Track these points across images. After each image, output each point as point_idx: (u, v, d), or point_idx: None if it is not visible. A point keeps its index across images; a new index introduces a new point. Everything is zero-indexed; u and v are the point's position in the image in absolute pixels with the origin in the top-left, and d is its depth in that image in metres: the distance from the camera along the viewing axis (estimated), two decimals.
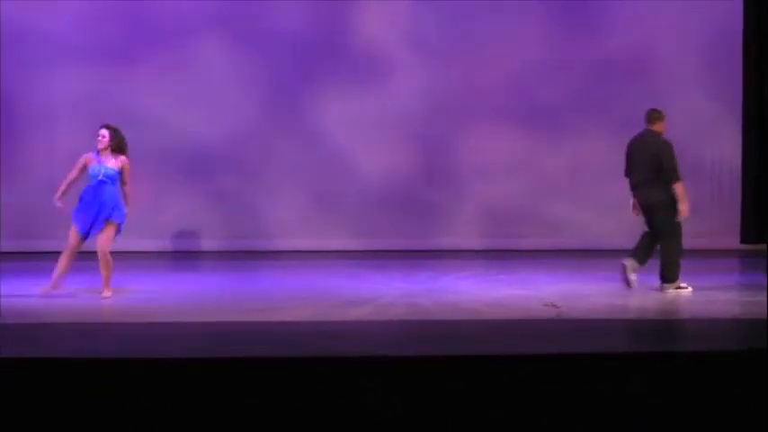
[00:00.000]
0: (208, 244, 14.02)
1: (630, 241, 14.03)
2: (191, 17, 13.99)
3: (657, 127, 10.65)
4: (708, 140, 14.38)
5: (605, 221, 14.13)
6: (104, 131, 10.21)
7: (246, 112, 14.07)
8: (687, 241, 13.85)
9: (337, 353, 7.00)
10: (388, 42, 14.21)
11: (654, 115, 10.65)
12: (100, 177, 10.10)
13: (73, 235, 10.12)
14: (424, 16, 14.22)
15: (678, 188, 10.39)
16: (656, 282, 10.64)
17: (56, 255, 10.25)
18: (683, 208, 10.41)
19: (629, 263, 10.41)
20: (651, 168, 10.47)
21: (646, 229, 10.69)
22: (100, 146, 10.17)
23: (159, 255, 13.51)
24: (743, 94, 14.37)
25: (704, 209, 14.32)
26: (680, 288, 10.39)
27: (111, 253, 10.17)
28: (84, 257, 10.48)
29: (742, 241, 14.38)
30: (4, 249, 13.48)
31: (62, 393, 6.19)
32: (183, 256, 13.56)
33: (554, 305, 9.55)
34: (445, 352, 7.04)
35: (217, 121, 14.01)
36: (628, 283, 10.34)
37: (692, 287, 10.46)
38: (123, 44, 13.93)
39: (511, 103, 14.36)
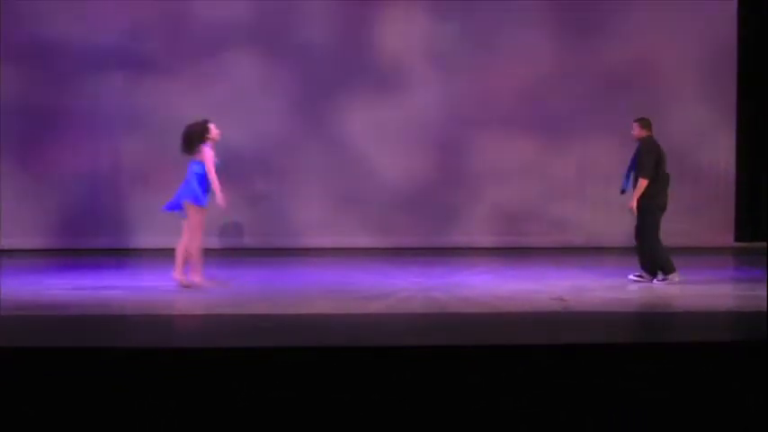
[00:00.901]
0: (240, 242, 14.07)
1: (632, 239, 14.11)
2: (225, 31, 14.04)
3: None
4: (704, 144, 14.38)
5: (609, 220, 14.12)
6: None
7: (276, 119, 14.12)
8: (685, 239, 13.97)
9: (360, 343, 7.03)
10: (409, 55, 14.24)
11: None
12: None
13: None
14: (443, 31, 14.24)
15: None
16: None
17: (95, 252, 10.29)
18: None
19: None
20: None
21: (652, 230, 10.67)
22: (217, 139, 10.30)
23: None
24: (737, 101, 14.37)
25: (701, 208, 14.35)
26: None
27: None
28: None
29: (736, 239, 14.38)
30: (47, 247, 13.60)
31: (97, 383, 6.22)
32: (217, 254, 13.60)
33: (561, 299, 9.58)
34: (459, 342, 7.07)
35: (249, 127, 14.04)
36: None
37: (689, 282, 10.53)
38: (161, 55, 14.00)
39: (522, 111, 14.36)
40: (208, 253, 13.57)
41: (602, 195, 14.18)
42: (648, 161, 10.49)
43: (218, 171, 10.24)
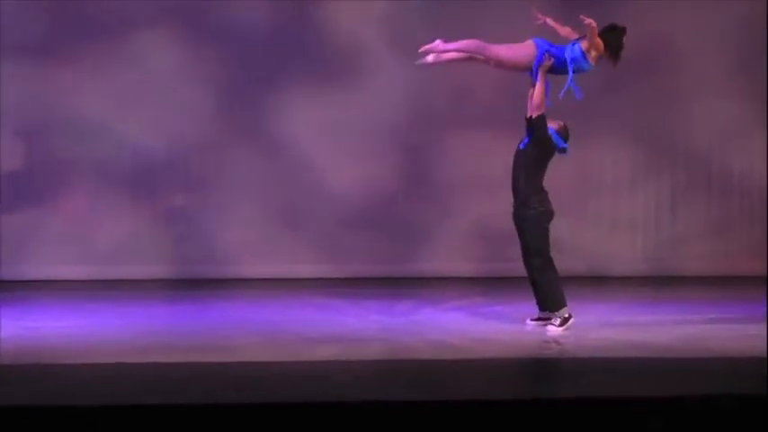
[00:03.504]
0: (151, 271, 13.99)
1: (647, 266, 14.18)
2: (133, 6, 13.98)
3: None
4: (734, 149, 14.44)
5: (617, 243, 14.19)
6: None
7: (199, 117, 14.05)
8: (710, 265, 14.02)
9: (304, 398, 7.01)
10: (367, 37, 14.23)
11: None
12: None
13: None
14: (408, 7, 14.25)
15: None
16: (675, 316, 10.73)
17: None
18: None
19: None
20: None
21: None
22: None
23: (94, 284, 13.47)
24: None
25: (731, 228, 14.42)
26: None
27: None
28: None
29: None
30: None
31: None
32: (122, 286, 13.53)
33: (556, 342, 9.60)
34: (428, 397, 7.06)
35: (164, 127, 13.98)
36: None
37: (715, 320, 10.60)
38: (53, 37, 13.91)
39: (507, 107, 14.32)
40: (106, 285, 13.54)
41: (608, 211, 14.24)
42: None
43: None
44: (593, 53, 10.53)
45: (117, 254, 13.97)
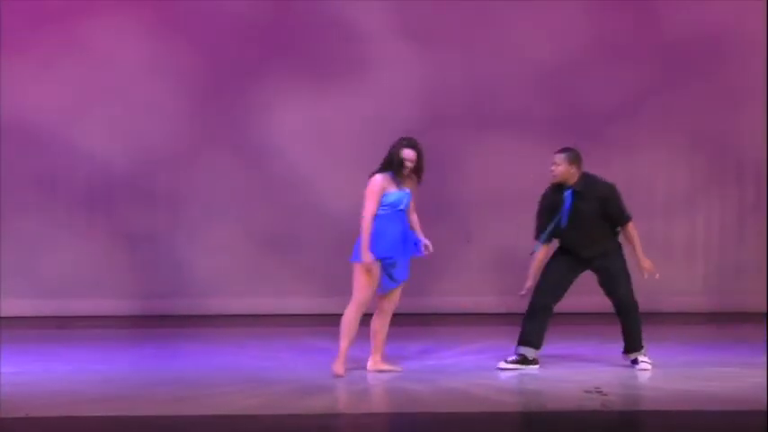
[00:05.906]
0: (111, 306, 14.02)
1: (707, 300, 14.19)
2: None
3: None
4: None
5: (671, 272, 14.16)
6: None
7: (167, 120, 14.10)
8: None
9: None
10: (369, 25, 14.28)
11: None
12: (402, 207, 10.75)
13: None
14: None
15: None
16: (741, 360, 10.78)
17: None
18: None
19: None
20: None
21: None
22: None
23: (43, 321, 13.51)
24: None
25: None
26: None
27: None
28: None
29: None
30: None
31: None
32: (76, 323, 13.56)
33: (598, 391, 9.62)
34: None
35: (125, 133, 14.02)
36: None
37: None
38: None
39: (537, 108, 14.40)
40: (59, 322, 13.51)
41: (660, 235, 14.24)
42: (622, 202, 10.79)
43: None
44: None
45: (71, 285, 13.98)
